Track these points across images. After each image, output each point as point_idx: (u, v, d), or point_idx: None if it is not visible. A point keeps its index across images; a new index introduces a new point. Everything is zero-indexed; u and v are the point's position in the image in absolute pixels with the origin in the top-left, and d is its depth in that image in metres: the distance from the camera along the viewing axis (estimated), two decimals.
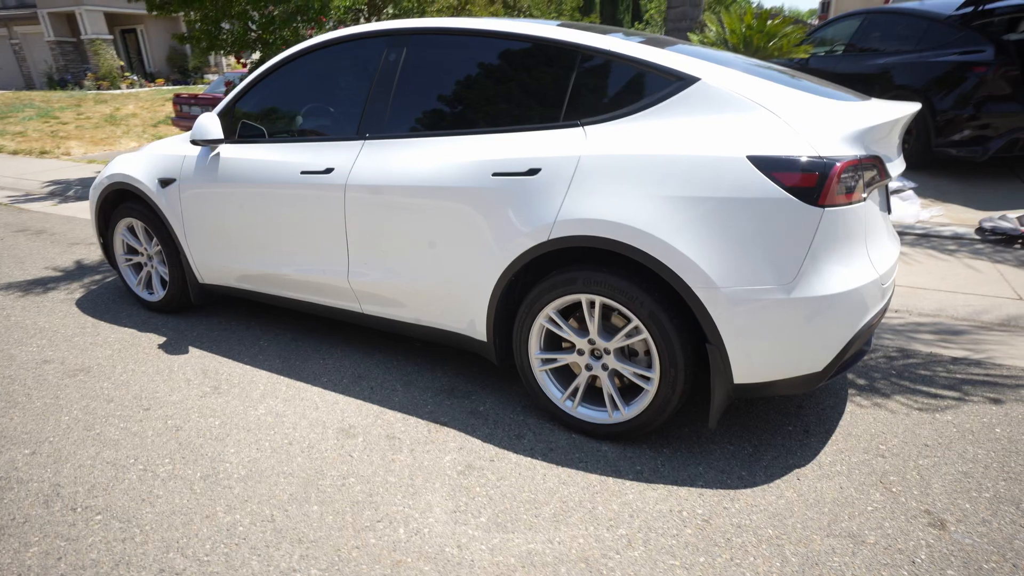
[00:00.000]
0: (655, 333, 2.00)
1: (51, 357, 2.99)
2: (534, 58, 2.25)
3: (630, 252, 1.94)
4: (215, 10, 7.24)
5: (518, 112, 2.26)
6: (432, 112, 2.45)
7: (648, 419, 2.12)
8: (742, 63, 2.25)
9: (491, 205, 2.19)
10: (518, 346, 2.30)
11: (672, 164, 1.90)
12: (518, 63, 2.28)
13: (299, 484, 2.04)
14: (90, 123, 13.71)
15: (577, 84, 2.16)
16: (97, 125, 13.45)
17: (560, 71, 2.19)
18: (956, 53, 5.84)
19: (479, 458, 2.17)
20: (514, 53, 2.29)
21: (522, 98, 2.27)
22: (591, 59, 2.15)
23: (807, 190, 1.78)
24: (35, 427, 2.39)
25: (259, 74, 2.88)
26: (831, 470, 2.04)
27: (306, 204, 2.64)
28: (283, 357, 2.96)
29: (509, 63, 2.30)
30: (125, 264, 3.58)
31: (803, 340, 1.90)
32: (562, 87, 2.18)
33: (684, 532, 1.80)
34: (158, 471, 2.12)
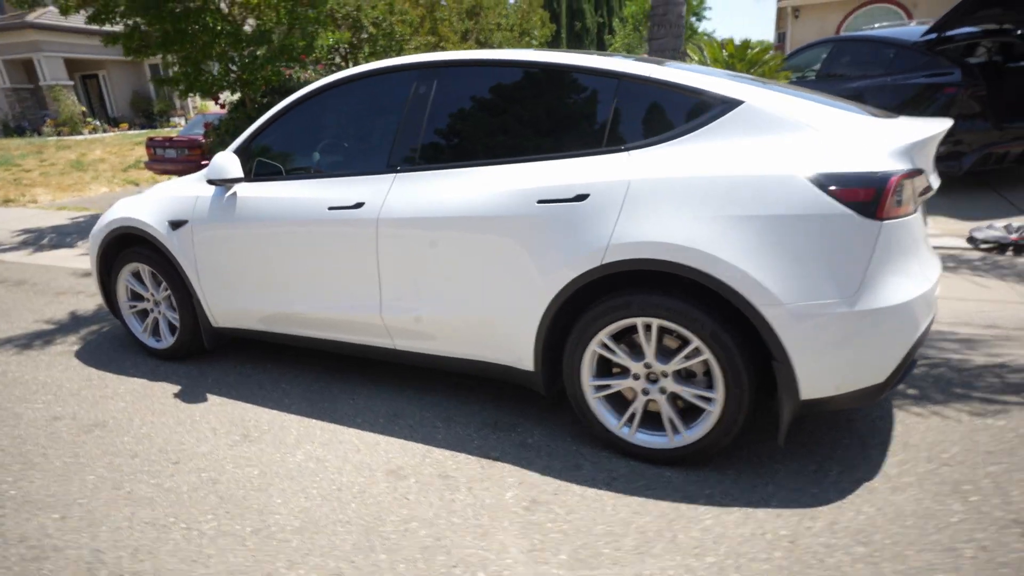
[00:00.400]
0: (718, 353, 1.98)
1: (61, 413, 2.81)
2: (573, 86, 2.27)
3: (691, 273, 1.93)
4: (195, 52, 7.18)
5: (559, 139, 2.26)
6: (468, 142, 2.43)
7: (713, 441, 2.08)
8: (775, 86, 2.30)
9: (537, 232, 2.17)
10: (569, 374, 2.26)
11: (727, 184, 1.92)
12: (557, 91, 2.29)
13: (359, 532, 1.94)
14: (55, 169, 13.33)
15: (618, 110, 2.17)
16: (63, 171, 13.08)
17: (601, 98, 2.21)
18: (925, 76, 6.15)
19: (542, 492, 2.09)
20: (552, 81, 2.30)
21: (562, 125, 2.27)
22: (631, 85, 2.17)
23: (865, 204, 1.81)
24: (59, 489, 2.23)
25: (277, 111, 2.84)
26: (901, 482, 2.03)
27: (335, 240, 2.58)
28: (309, 399, 2.84)
29: (547, 91, 2.31)
30: (129, 311, 3.43)
31: (866, 352, 1.90)
32: (603, 113, 2.19)
33: (774, 555, 1.75)
34: (203, 528, 1.99)
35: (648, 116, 2.14)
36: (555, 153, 2.23)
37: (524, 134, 2.33)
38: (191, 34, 6.86)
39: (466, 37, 13.97)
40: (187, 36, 6.85)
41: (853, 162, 1.84)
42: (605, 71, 2.21)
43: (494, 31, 15.63)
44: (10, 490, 2.23)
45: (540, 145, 2.28)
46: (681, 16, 6.32)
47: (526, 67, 2.36)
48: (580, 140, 2.22)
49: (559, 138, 2.26)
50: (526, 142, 2.31)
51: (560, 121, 2.28)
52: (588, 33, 26.24)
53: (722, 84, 2.09)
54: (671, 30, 6.31)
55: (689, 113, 2.08)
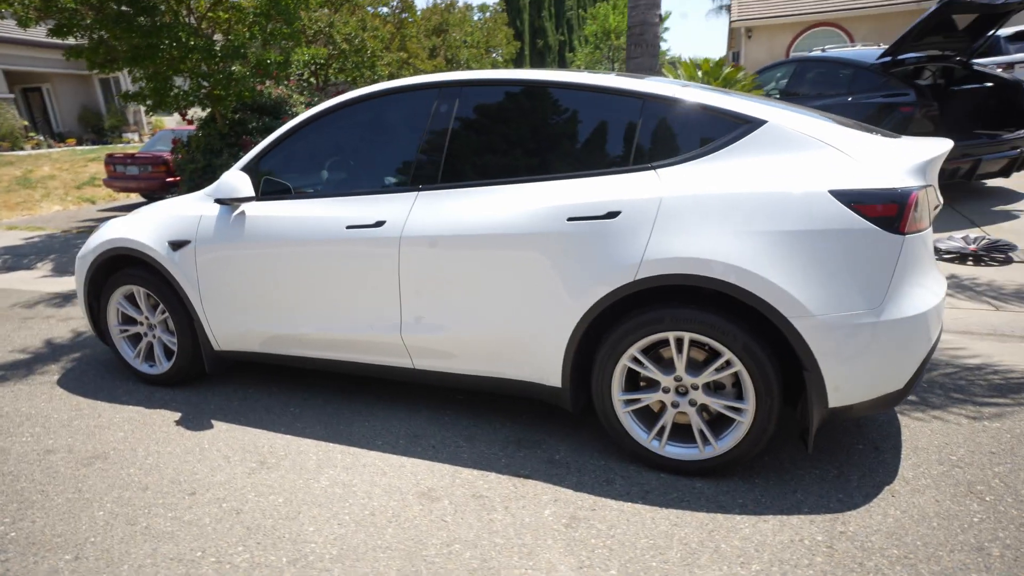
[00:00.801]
0: (749, 364, 2.04)
1: (53, 446, 2.66)
2: (599, 106, 2.32)
3: (726, 288, 1.99)
4: (165, 67, 6.99)
5: (586, 158, 2.30)
6: (493, 160, 2.45)
7: (744, 451, 2.14)
8: (790, 106, 2.40)
9: (568, 249, 2.20)
10: (599, 389, 2.28)
11: (757, 201, 1.99)
12: (583, 111, 2.34)
13: (402, 558, 1.90)
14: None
15: (644, 129, 2.23)
16: (9, 188, 12.43)
17: (627, 118, 2.26)
18: (883, 96, 6.52)
19: (579, 508, 2.10)
20: (578, 101, 2.35)
21: (589, 144, 2.32)
22: (656, 106, 2.24)
23: (888, 219, 1.91)
24: (66, 527, 2.10)
25: (288, 130, 2.79)
26: (918, 484, 2.12)
27: (353, 259, 2.55)
28: (323, 423, 2.78)
29: (573, 111, 2.36)
30: (120, 336, 3.28)
31: (890, 360, 2.00)
32: (630, 133, 2.25)
33: (815, 560, 1.80)
34: (235, 561, 1.91)
35: (674, 135, 2.20)
36: (582, 171, 2.27)
37: (550, 152, 2.37)
38: (162, 49, 6.67)
39: (434, 53, 14.03)
40: (157, 51, 6.66)
41: (875, 179, 1.94)
42: (630, 91, 2.27)
43: (461, 48, 15.75)
44: (9, 532, 2.10)
45: (567, 163, 2.32)
46: (657, 36, 6.52)
47: (551, 87, 2.40)
48: (607, 159, 2.27)
49: (586, 157, 2.30)
50: (553, 160, 2.35)
51: (587, 140, 2.33)
52: (550, 51, 26.75)
53: (744, 104, 2.18)
54: (647, 49, 6.50)
55: (714, 132, 2.15)
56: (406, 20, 13.07)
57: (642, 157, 2.21)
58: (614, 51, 24.71)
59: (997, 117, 6.73)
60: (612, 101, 2.30)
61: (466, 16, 17.03)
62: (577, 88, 2.36)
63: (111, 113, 25.54)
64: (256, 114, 8.08)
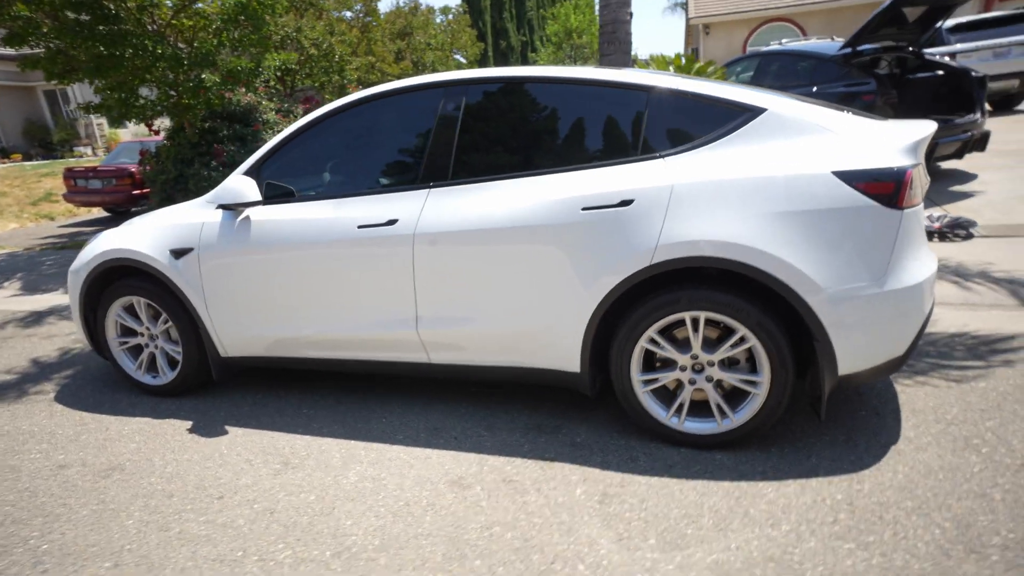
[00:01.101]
0: (764, 339, 2.15)
1: (65, 461, 2.61)
2: (606, 99, 2.40)
3: (740, 268, 2.09)
4: (131, 77, 6.81)
5: (596, 150, 2.39)
6: (502, 155, 2.51)
7: (761, 421, 2.25)
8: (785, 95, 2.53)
9: (584, 238, 2.27)
10: (618, 372, 2.36)
11: (764, 184, 2.10)
12: (590, 105, 2.42)
13: (445, 542, 1.94)
14: None
15: (651, 120, 2.33)
16: None
17: (633, 109, 2.35)
18: (844, 85, 6.81)
19: (609, 486, 2.17)
20: (585, 96, 2.43)
21: (598, 136, 2.40)
22: (661, 97, 2.33)
23: (887, 196, 2.04)
24: (99, 537, 2.08)
25: (292, 132, 2.80)
26: (921, 442, 2.27)
27: (366, 258, 2.57)
28: (339, 421, 2.79)
29: (581, 105, 2.43)
30: (120, 348, 3.22)
31: (892, 328, 2.13)
32: (637, 124, 2.34)
33: (839, 518, 1.92)
34: (278, 558, 1.93)
35: (679, 125, 2.30)
36: (592, 163, 2.35)
37: (560, 146, 2.44)
38: (126, 58, 6.50)
39: (400, 57, 13.98)
40: (122, 60, 6.49)
41: (872, 159, 2.07)
42: (636, 84, 2.36)
43: (425, 50, 15.73)
44: (41, 544, 2.06)
45: (577, 156, 2.40)
46: (629, 33, 6.67)
47: (557, 83, 2.47)
48: (616, 149, 2.35)
49: (595, 148, 2.38)
50: (562, 153, 2.42)
51: (595, 132, 2.41)
52: (513, 51, 26.91)
53: (744, 93, 2.29)
54: (620, 47, 6.65)
55: (717, 121, 2.26)
56: (371, 24, 13.00)
57: (650, 147, 2.30)
58: (576, 50, 25.02)
59: (949, 103, 7.10)
60: (618, 94, 2.38)
61: (429, 19, 17.01)
62: (583, 83, 2.44)
63: (60, 126, 24.61)
64: (226, 122, 7.93)
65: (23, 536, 2.11)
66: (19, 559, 1.99)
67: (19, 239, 9.26)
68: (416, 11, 16.58)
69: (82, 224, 10.46)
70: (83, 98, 22.93)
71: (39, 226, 10.70)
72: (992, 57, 10.63)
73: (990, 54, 10.62)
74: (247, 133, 7.93)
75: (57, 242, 8.66)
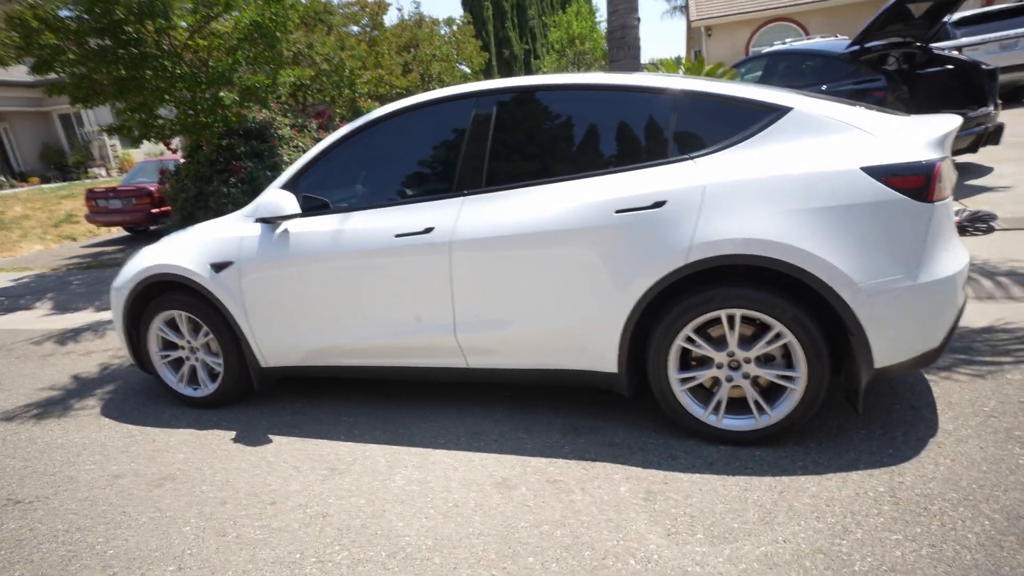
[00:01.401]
0: (800, 335, 2.19)
1: (119, 472, 2.69)
2: (634, 103, 2.46)
3: (773, 264, 2.14)
4: (152, 98, 6.96)
5: (626, 153, 2.45)
6: (534, 162, 2.58)
7: (799, 416, 2.28)
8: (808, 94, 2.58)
9: (618, 240, 2.33)
10: (656, 371, 2.41)
11: (794, 182, 2.15)
12: (619, 109, 2.48)
13: (497, 541, 1.99)
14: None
15: (679, 122, 2.38)
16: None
17: (662, 112, 2.41)
18: (854, 82, 6.84)
19: (652, 483, 2.22)
20: (614, 100, 2.49)
21: (628, 140, 2.46)
22: (688, 100, 2.39)
23: (917, 190, 2.08)
24: (159, 543, 2.15)
25: (326, 146, 2.88)
26: (960, 435, 2.29)
27: (404, 266, 2.64)
28: (381, 427, 2.85)
29: (610, 110, 2.49)
30: (161, 362, 3.31)
31: (927, 320, 2.17)
32: (666, 126, 2.40)
33: (883, 509, 1.95)
34: (336, 559, 1.98)
35: (707, 126, 2.36)
36: (624, 166, 2.41)
37: (590, 150, 2.50)
38: (147, 79, 6.66)
39: (407, 69, 14.13)
40: (143, 82, 6.65)
41: (900, 154, 2.12)
42: (663, 88, 2.42)
43: (431, 62, 15.88)
44: (107, 550, 2.14)
45: (608, 160, 2.46)
46: (637, 38, 6.74)
47: (585, 89, 2.54)
48: (646, 152, 2.41)
49: (626, 152, 2.44)
50: (594, 157, 2.48)
51: (625, 136, 2.47)
52: (516, 60, 27.10)
53: (770, 93, 2.34)
54: (629, 51, 6.72)
55: (744, 121, 2.31)
56: (378, 38, 13.17)
57: (680, 149, 2.36)
58: (579, 56, 25.16)
59: (960, 96, 7.10)
60: (647, 99, 2.44)
61: (434, 31, 17.18)
62: (612, 89, 2.50)
63: (75, 149, 25.03)
64: (243, 138, 8.08)
65: (89, 542, 2.18)
66: (88, 563, 2.06)
67: (45, 260, 9.45)
68: (421, 24, 16.75)
69: (103, 244, 10.65)
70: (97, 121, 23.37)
71: (62, 247, 10.90)
72: (999, 49, 10.61)
73: (997, 46, 10.60)
74: (263, 149, 8.07)
75: (82, 262, 8.83)
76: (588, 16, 25.58)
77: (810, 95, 2.45)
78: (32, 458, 2.90)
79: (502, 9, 27.57)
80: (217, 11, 6.89)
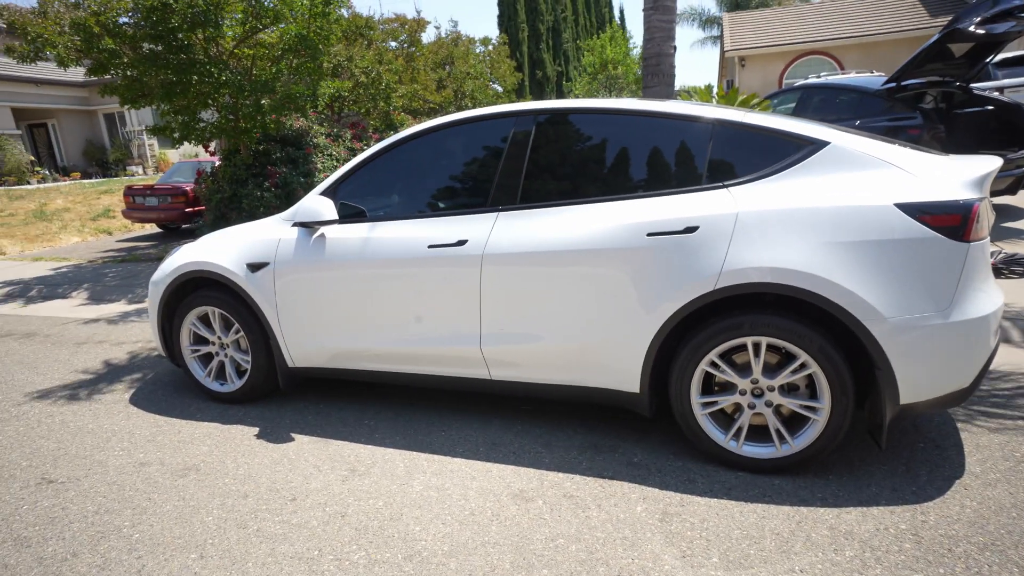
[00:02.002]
0: (825, 366, 2.19)
1: (145, 460, 2.76)
2: (672, 130, 2.51)
3: (804, 295, 2.15)
4: (196, 102, 7.22)
5: (661, 178, 2.49)
6: (571, 182, 2.63)
7: (820, 448, 2.27)
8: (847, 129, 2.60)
9: (649, 262, 2.36)
10: (678, 393, 2.42)
11: (827, 214, 2.17)
12: (656, 135, 2.53)
13: (512, 551, 2.01)
14: (16, 220, 12.80)
15: (715, 151, 2.42)
16: (26, 221, 12.58)
17: (699, 140, 2.45)
18: (889, 120, 6.82)
19: (669, 505, 2.22)
20: (651, 127, 2.54)
21: (663, 166, 2.50)
22: (725, 130, 2.43)
23: (953, 229, 2.08)
24: (183, 531, 2.21)
25: (367, 157, 2.97)
26: (988, 478, 2.26)
27: (435, 277, 2.70)
28: (401, 433, 2.89)
29: (648, 136, 2.54)
30: (192, 356, 3.41)
31: (957, 359, 2.15)
32: (701, 154, 2.44)
33: (904, 547, 1.93)
34: (353, 558, 2.02)
35: (743, 156, 2.39)
36: (658, 191, 2.45)
37: (625, 174, 2.55)
38: (192, 84, 6.92)
39: (442, 85, 14.41)
40: (190, 86, 6.90)
41: (936, 192, 2.12)
42: (701, 117, 2.46)
43: (465, 79, 16.18)
44: (133, 533, 2.20)
45: (643, 183, 2.50)
46: (672, 66, 6.81)
47: (624, 114, 2.59)
48: (681, 178, 2.45)
49: (661, 177, 2.49)
50: (629, 181, 2.53)
51: (660, 162, 2.51)
52: (549, 81, 27.45)
53: (806, 127, 2.37)
54: (663, 79, 6.78)
55: (781, 153, 2.34)
56: (414, 54, 13.48)
57: (715, 176, 2.40)
58: (611, 80, 25.40)
59: (1000, 138, 7.02)
60: (684, 126, 2.49)
61: (469, 49, 17.53)
62: (650, 115, 2.55)
63: (115, 147, 25.87)
64: (279, 145, 8.31)
65: (116, 524, 2.25)
66: (115, 544, 2.13)
67: (82, 252, 9.75)
68: (457, 42, 17.11)
69: (137, 239, 10.96)
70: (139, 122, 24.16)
71: (99, 240, 11.24)
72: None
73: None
74: (299, 156, 8.28)
75: (117, 255, 9.10)
76: (622, 42, 25.85)
77: (847, 130, 2.47)
78: (65, 441, 3.00)
79: (537, 31, 28.02)
80: (265, 23, 7.14)
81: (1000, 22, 5.15)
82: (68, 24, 6.79)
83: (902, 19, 18.31)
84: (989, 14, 5.21)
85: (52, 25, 6.96)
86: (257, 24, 7.21)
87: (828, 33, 18.96)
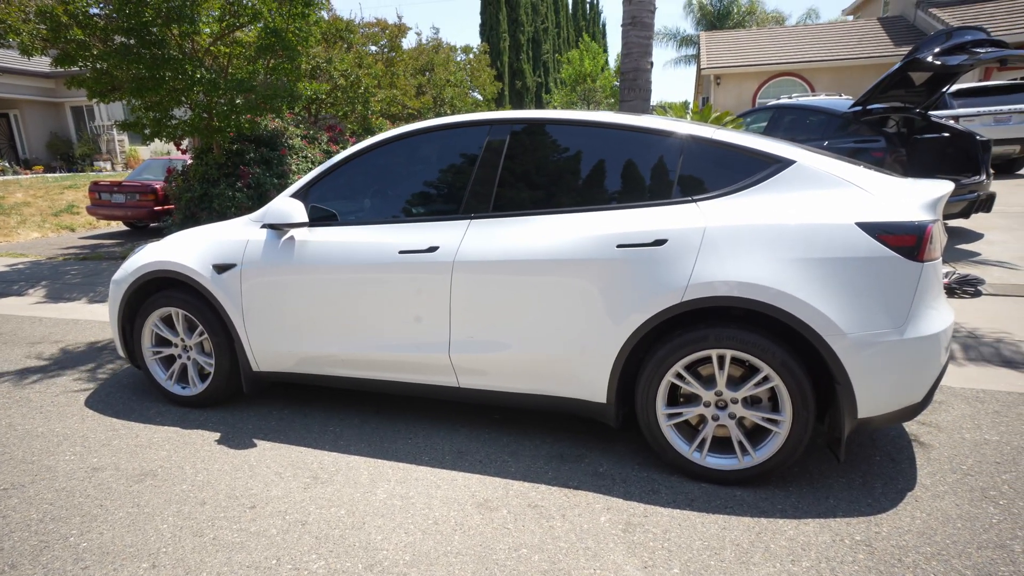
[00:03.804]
0: (787, 379, 2.24)
1: (99, 464, 2.67)
2: (643, 144, 2.54)
3: (767, 309, 2.19)
4: (168, 98, 7.07)
5: (631, 191, 2.52)
6: (544, 191, 2.64)
7: (781, 460, 2.31)
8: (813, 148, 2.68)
9: (617, 274, 2.39)
10: (644, 405, 2.44)
11: (792, 231, 2.22)
12: (628, 149, 2.56)
13: (474, 561, 1.99)
14: None
15: (685, 166, 2.47)
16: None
17: (669, 155, 2.49)
18: (855, 141, 7.04)
19: (632, 515, 2.23)
20: (623, 140, 2.58)
21: (634, 179, 2.54)
22: (695, 145, 2.48)
23: (909, 248, 2.16)
24: (135, 539, 2.14)
25: (340, 160, 2.95)
26: (938, 490, 2.33)
27: (405, 283, 2.68)
28: (366, 440, 2.86)
29: (619, 148, 2.58)
30: (153, 358, 3.31)
31: (911, 374, 2.22)
32: (672, 169, 2.48)
33: (858, 558, 1.97)
34: (312, 568, 1.98)
35: (712, 172, 2.44)
36: (629, 203, 2.48)
37: (597, 185, 2.58)
38: (166, 80, 6.78)
39: (421, 91, 14.39)
40: (162, 82, 6.76)
41: (895, 213, 2.20)
42: (672, 132, 2.51)
43: (445, 86, 16.19)
44: (81, 542, 2.12)
45: (613, 196, 2.53)
46: (649, 81, 6.93)
47: (597, 127, 2.62)
48: (651, 192, 2.49)
49: (632, 190, 2.52)
50: (601, 192, 2.55)
51: (631, 175, 2.54)
52: (528, 91, 27.66)
53: (775, 145, 2.43)
54: (640, 93, 6.90)
55: (748, 170, 2.40)
56: (395, 59, 13.44)
57: (684, 191, 2.44)
58: (588, 93, 25.71)
59: (954, 164, 7.31)
60: (656, 140, 2.53)
61: (450, 57, 17.55)
62: (623, 128, 2.59)
63: (83, 141, 25.15)
64: (254, 145, 8.19)
65: (63, 533, 2.17)
66: (60, 554, 2.05)
67: (41, 248, 9.44)
68: (438, 49, 17.12)
69: (101, 236, 10.66)
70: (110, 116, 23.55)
71: (60, 236, 10.90)
72: (993, 123, 10.94)
73: (991, 119, 10.94)
74: (273, 157, 8.17)
75: (79, 253, 8.82)
76: (599, 55, 26.21)
77: (813, 150, 2.54)
78: (10, 445, 2.88)
79: (518, 42, 28.24)
80: (243, 21, 7.04)
81: (954, 55, 5.39)
82: (34, 11, 6.59)
83: (869, 45, 18.98)
84: (945, 47, 5.44)
85: (16, 12, 6.74)
86: (235, 22, 7.11)
87: (800, 56, 19.53)
